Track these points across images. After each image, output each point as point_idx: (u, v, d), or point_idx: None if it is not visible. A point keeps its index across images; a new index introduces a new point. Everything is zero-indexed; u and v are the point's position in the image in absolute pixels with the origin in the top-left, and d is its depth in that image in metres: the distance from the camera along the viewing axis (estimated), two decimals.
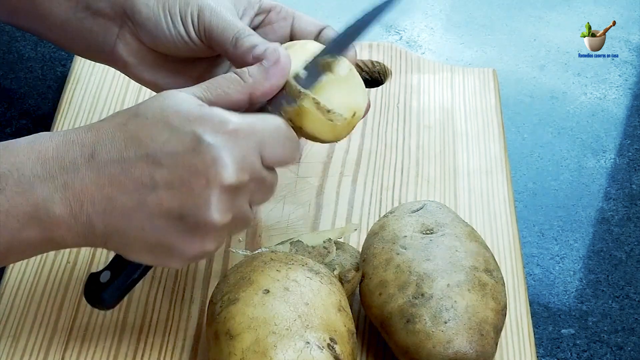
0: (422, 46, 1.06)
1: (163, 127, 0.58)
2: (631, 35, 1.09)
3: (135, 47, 0.72)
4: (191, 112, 0.59)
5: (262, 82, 0.63)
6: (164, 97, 0.60)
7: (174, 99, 0.60)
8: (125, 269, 0.64)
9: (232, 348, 0.59)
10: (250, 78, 0.63)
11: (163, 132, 0.58)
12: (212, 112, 0.59)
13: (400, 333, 0.64)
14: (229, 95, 0.62)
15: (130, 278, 0.64)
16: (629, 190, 0.89)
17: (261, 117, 0.61)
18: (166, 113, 0.59)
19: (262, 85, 0.63)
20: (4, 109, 0.94)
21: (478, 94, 0.93)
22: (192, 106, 0.59)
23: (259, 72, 0.63)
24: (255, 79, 0.63)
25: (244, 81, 0.62)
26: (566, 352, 0.75)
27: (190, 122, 0.58)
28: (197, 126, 0.58)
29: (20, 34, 1.04)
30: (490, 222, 0.79)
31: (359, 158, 0.85)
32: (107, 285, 0.64)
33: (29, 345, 0.69)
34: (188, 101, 0.60)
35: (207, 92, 0.61)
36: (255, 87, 0.63)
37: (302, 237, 0.71)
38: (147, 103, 0.60)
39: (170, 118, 0.58)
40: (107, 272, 0.64)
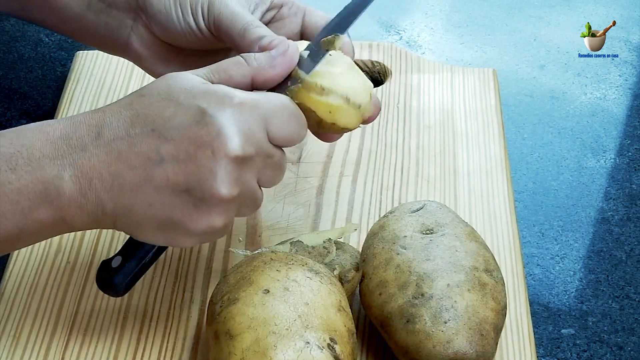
0: (422, 46, 1.06)
1: (168, 103, 0.59)
2: (631, 35, 1.09)
3: (148, 40, 0.74)
4: (195, 87, 0.60)
5: (266, 68, 0.63)
6: (169, 77, 0.61)
7: (179, 78, 0.61)
8: (136, 253, 0.64)
9: (232, 348, 0.60)
10: (254, 62, 0.63)
11: (168, 108, 0.59)
12: (217, 88, 0.60)
13: (400, 333, 0.64)
14: (232, 77, 0.63)
15: (141, 262, 0.64)
16: (629, 190, 0.89)
17: (266, 94, 0.63)
18: (171, 90, 0.60)
19: (266, 72, 0.63)
20: (4, 109, 0.94)
21: (478, 94, 0.93)
22: (197, 83, 0.61)
23: (265, 58, 0.64)
24: (260, 64, 0.63)
25: (248, 64, 0.63)
26: (566, 352, 0.75)
27: (195, 97, 0.59)
28: (202, 100, 0.59)
29: (20, 34, 1.04)
30: (490, 222, 0.79)
31: (359, 158, 0.85)
32: (119, 270, 0.64)
33: (29, 345, 0.69)
34: (192, 79, 0.61)
35: (210, 74, 0.62)
36: (259, 72, 0.63)
37: (302, 237, 0.71)
38: (153, 83, 0.61)
39: (175, 94, 0.60)
40: (118, 257, 0.65)
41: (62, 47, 1.02)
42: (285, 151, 0.85)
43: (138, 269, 0.65)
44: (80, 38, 0.79)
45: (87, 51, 0.96)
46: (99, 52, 0.96)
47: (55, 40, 1.03)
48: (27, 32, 1.04)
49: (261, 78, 0.63)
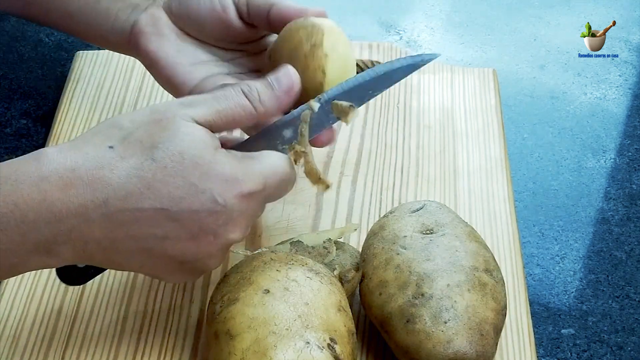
0: (422, 46, 1.06)
1: (181, 181, 0.58)
2: (631, 35, 1.09)
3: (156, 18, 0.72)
4: (210, 164, 0.58)
5: (272, 111, 0.63)
6: (181, 138, 0.58)
7: (190, 141, 0.58)
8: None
9: (232, 348, 0.59)
10: (260, 106, 0.62)
11: (180, 187, 0.58)
12: (229, 171, 0.59)
13: (400, 333, 0.64)
14: (237, 122, 0.62)
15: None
16: (629, 190, 0.89)
17: (271, 168, 0.62)
18: (186, 164, 0.58)
19: (271, 114, 0.63)
20: (4, 109, 0.94)
21: (478, 94, 0.93)
22: (210, 151, 0.59)
23: (271, 99, 0.62)
24: (266, 107, 0.62)
25: (254, 108, 0.62)
26: (566, 352, 0.75)
27: (208, 177, 0.58)
28: (215, 185, 0.58)
29: (20, 34, 1.04)
30: (490, 222, 0.79)
31: (359, 158, 0.85)
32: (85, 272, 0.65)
33: (29, 345, 0.69)
34: (204, 144, 0.58)
35: (217, 118, 0.60)
36: (265, 116, 0.63)
37: (302, 237, 0.71)
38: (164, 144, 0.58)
39: (188, 171, 0.58)
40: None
41: (62, 47, 1.02)
42: None
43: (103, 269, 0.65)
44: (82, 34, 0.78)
45: (87, 51, 0.96)
46: (99, 52, 0.96)
47: (55, 40, 1.03)
48: (27, 32, 1.04)
49: (265, 121, 0.64)
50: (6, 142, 0.90)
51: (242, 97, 0.62)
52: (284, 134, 0.64)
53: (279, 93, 0.63)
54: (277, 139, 0.64)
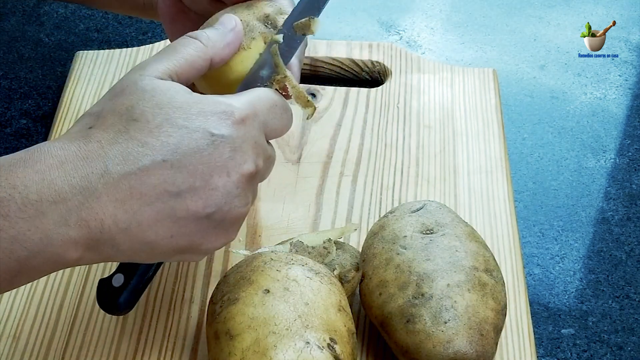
0: (422, 46, 1.06)
1: (169, 128, 0.56)
2: (631, 35, 1.09)
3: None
4: (190, 104, 0.57)
5: (221, 47, 0.63)
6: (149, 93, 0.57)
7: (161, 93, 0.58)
8: (139, 269, 0.62)
9: (232, 348, 0.59)
10: (209, 42, 0.62)
11: (172, 133, 0.56)
12: (212, 103, 0.58)
13: (400, 333, 0.64)
14: (191, 63, 0.61)
15: (145, 277, 0.63)
16: (629, 190, 0.89)
17: (256, 95, 0.61)
18: (165, 111, 0.57)
19: (222, 51, 0.63)
20: (4, 109, 0.94)
21: (478, 94, 0.93)
22: (186, 95, 0.58)
23: (217, 37, 0.63)
24: (215, 43, 0.62)
25: (204, 45, 0.62)
26: (566, 352, 0.75)
27: (194, 116, 0.57)
28: (204, 120, 0.57)
29: (20, 34, 1.04)
30: (490, 222, 0.79)
31: (359, 158, 0.85)
32: (123, 289, 0.62)
33: (29, 345, 0.69)
34: (177, 92, 0.58)
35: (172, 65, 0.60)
36: (215, 52, 0.62)
37: (302, 237, 0.71)
38: (138, 104, 0.57)
39: (171, 117, 0.56)
40: (119, 275, 0.62)
41: (62, 47, 1.02)
42: (285, 151, 0.85)
43: (142, 285, 0.63)
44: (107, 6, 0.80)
45: (87, 51, 0.96)
46: (99, 52, 0.96)
47: (55, 40, 1.03)
48: (27, 32, 1.04)
49: (218, 59, 0.63)
50: (6, 142, 0.90)
51: (189, 39, 0.62)
52: (261, 75, 0.64)
53: (224, 30, 0.64)
54: (257, 82, 0.64)
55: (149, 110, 0.57)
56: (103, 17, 1.07)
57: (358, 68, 0.96)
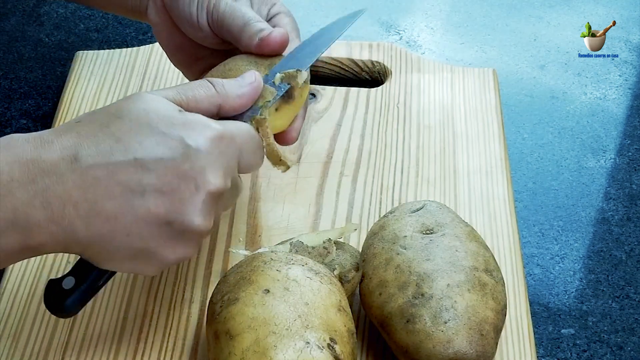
0: (422, 46, 1.06)
1: (150, 131, 0.58)
2: (631, 35, 1.09)
3: (160, 9, 0.74)
4: (174, 116, 0.59)
5: (234, 98, 0.64)
6: (143, 100, 0.59)
7: (153, 102, 0.59)
8: (91, 275, 0.62)
9: (232, 348, 0.59)
10: (223, 90, 0.63)
11: (150, 136, 0.58)
12: (195, 118, 0.60)
13: (400, 333, 0.64)
14: (198, 103, 0.62)
15: (96, 284, 0.62)
16: (629, 190, 0.89)
17: (236, 125, 0.63)
18: (150, 116, 0.58)
19: (233, 101, 0.64)
20: (4, 109, 0.94)
21: (478, 94, 0.93)
22: (173, 111, 0.59)
23: (232, 87, 0.64)
24: (228, 93, 0.63)
25: (217, 92, 0.63)
26: (566, 352, 0.75)
27: (175, 126, 0.58)
28: (184, 131, 0.58)
29: (20, 34, 1.04)
30: (490, 222, 0.79)
31: (359, 158, 0.85)
32: (71, 293, 0.61)
33: (29, 345, 0.69)
34: (167, 106, 0.60)
35: (180, 98, 0.61)
36: (227, 101, 0.63)
37: (302, 237, 0.71)
38: (127, 105, 0.59)
39: (155, 122, 0.58)
40: (70, 278, 0.62)
41: (62, 47, 1.02)
42: (285, 151, 0.85)
43: (92, 291, 0.62)
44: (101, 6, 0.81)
45: (87, 51, 0.96)
46: (99, 52, 0.96)
47: (55, 40, 1.03)
48: (27, 32, 1.04)
49: (227, 107, 0.64)
50: None
51: (205, 82, 0.63)
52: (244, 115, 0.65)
53: (243, 83, 0.65)
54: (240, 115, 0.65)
55: (134, 112, 0.58)
56: (103, 17, 1.07)
57: (358, 68, 0.96)
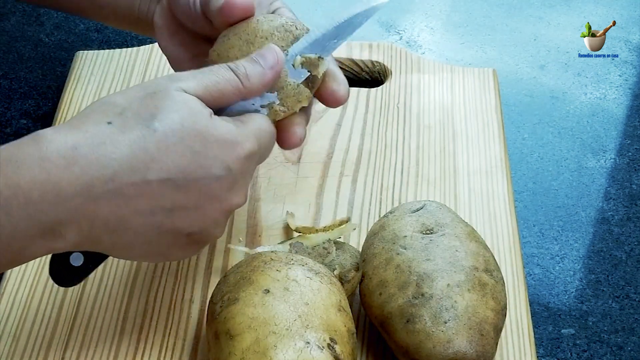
0: (422, 46, 1.06)
1: (184, 150, 0.58)
2: (631, 35, 1.09)
3: (165, 9, 0.74)
4: (209, 132, 0.59)
5: (258, 86, 0.63)
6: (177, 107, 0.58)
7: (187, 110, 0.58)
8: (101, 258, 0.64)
9: (232, 348, 0.59)
10: (248, 82, 0.63)
11: (185, 155, 0.58)
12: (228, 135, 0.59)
13: (400, 333, 0.64)
14: (226, 96, 0.62)
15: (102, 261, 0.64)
16: (629, 190, 0.89)
17: (258, 127, 0.63)
18: (186, 131, 0.58)
19: (257, 90, 0.63)
20: (4, 109, 0.94)
21: (478, 94, 0.93)
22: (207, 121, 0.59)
23: (256, 76, 0.63)
24: (253, 83, 0.63)
25: (241, 84, 0.62)
26: (566, 352, 0.75)
27: (209, 144, 0.58)
28: (219, 152, 0.59)
29: (20, 34, 1.04)
30: (490, 222, 0.79)
31: (359, 158, 0.85)
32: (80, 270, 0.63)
33: (29, 345, 0.69)
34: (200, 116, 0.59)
35: (207, 93, 0.61)
36: (252, 91, 0.63)
37: (302, 237, 0.71)
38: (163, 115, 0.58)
39: (190, 139, 0.58)
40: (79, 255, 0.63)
41: (62, 47, 1.02)
42: (285, 151, 0.85)
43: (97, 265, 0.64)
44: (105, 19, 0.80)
45: (87, 51, 0.96)
46: (99, 52, 0.96)
47: (55, 40, 1.03)
48: (27, 32, 1.04)
49: (251, 95, 0.64)
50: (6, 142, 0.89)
51: (229, 72, 0.62)
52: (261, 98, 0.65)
53: (265, 68, 0.64)
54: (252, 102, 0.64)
55: (170, 126, 0.58)
56: None
57: (358, 68, 0.96)
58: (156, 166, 0.57)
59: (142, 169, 0.56)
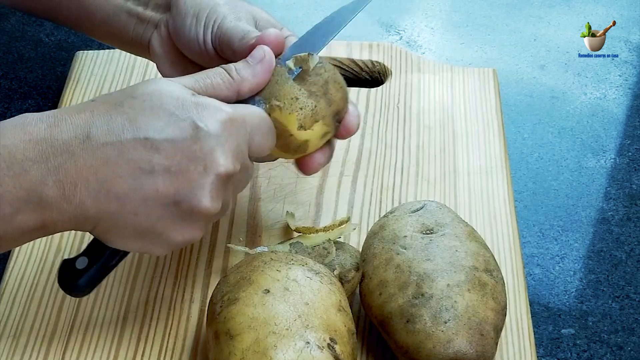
0: (422, 46, 1.06)
1: (161, 112, 0.59)
2: (631, 35, 1.09)
3: (165, 39, 0.74)
4: (187, 98, 0.60)
5: (249, 79, 0.65)
6: (157, 83, 0.61)
7: (167, 85, 0.61)
8: (104, 256, 0.63)
9: (232, 348, 0.60)
10: (237, 75, 0.64)
11: (161, 117, 0.59)
12: (207, 100, 0.61)
13: (400, 333, 0.64)
14: (216, 89, 0.63)
15: (108, 264, 0.63)
16: (629, 190, 0.89)
17: (249, 110, 0.64)
18: (163, 98, 0.59)
19: (249, 82, 0.65)
20: (4, 109, 0.94)
21: (478, 94, 0.93)
22: (186, 94, 0.61)
23: (246, 69, 0.65)
24: (243, 75, 0.65)
25: (232, 78, 0.64)
26: (566, 352, 0.75)
27: (187, 108, 0.60)
28: (195, 113, 0.60)
29: (20, 34, 1.04)
30: (490, 222, 0.79)
31: (359, 158, 0.85)
32: (84, 272, 0.63)
33: (29, 345, 0.69)
34: (181, 89, 0.61)
35: (196, 84, 0.63)
36: (243, 84, 0.64)
37: (301, 237, 0.71)
38: (142, 86, 0.60)
39: (167, 103, 0.59)
40: (83, 258, 0.63)
41: (62, 47, 1.02)
42: None
43: (104, 271, 0.64)
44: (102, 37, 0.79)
45: (87, 51, 0.96)
46: (99, 52, 0.96)
47: (55, 40, 1.03)
48: (27, 32, 1.04)
49: (245, 89, 0.65)
50: None
51: (221, 70, 0.64)
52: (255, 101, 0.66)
53: (253, 63, 0.65)
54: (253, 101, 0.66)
55: (148, 93, 0.60)
56: None
57: (358, 68, 0.96)
58: (132, 127, 0.58)
59: (118, 130, 0.58)
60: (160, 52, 0.74)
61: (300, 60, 0.67)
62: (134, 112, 0.59)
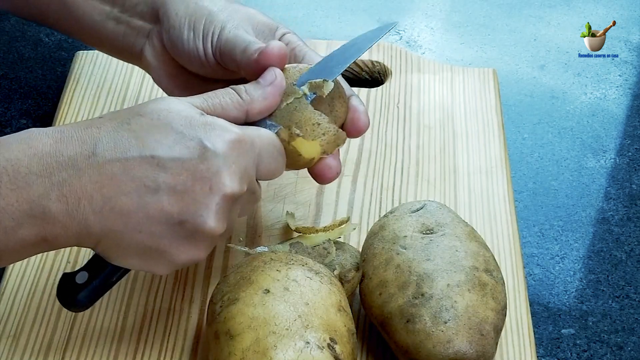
0: (422, 46, 1.06)
1: (168, 130, 0.58)
2: (631, 35, 1.09)
3: (159, 51, 0.73)
4: (195, 118, 0.60)
5: (259, 100, 0.64)
6: (167, 102, 0.60)
7: (176, 104, 0.60)
8: (104, 271, 0.62)
9: (232, 348, 0.60)
10: (247, 95, 0.64)
11: (169, 136, 0.58)
12: (215, 121, 0.60)
13: (400, 333, 0.64)
14: (225, 110, 0.63)
15: (109, 280, 0.63)
16: (629, 190, 0.89)
17: (258, 132, 0.63)
18: (171, 117, 0.59)
19: (259, 104, 0.64)
20: (4, 109, 0.94)
21: (478, 94, 0.93)
22: (194, 113, 0.60)
23: (256, 90, 0.64)
24: (253, 97, 0.64)
25: (241, 98, 0.64)
26: (566, 352, 0.75)
27: (195, 128, 0.59)
28: (202, 133, 0.59)
29: (20, 34, 1.04)
30: (490, 222, 0.79)
31: (359, 158, 0.85)
32: (84, 287, 0.62)
33: (29, 345, 0.69)
34: (189, 108, 0.60)
35: (204, 103, 0.62)
36: (252, 105, 0.64)
37: (301, 237, 0.71)
38: (150, 104, 0.60)
39: (175, 122, 0.59)
40: (83, 273, 0.62)
41: (62, 47, 1.02)
42: None
43: (104, 287, 0.63)
44: (93, 44, 0.79)
45: (87, 51, 0.96)
46: (99, 52, 0.96)
47: (55, 40, 1.03)
48: (27, 32, 1.04)
49: (255, 111, 0.64)
50: None
51: (230, 90, 0.64)
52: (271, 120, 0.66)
53: (264, 84, 0.65)
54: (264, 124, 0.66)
55: (156, 111, 0.59)
56: None
57: (358, 68, 0.96)
58: (139, 144, 0.58)
59: (124, 147, 0.58)
60: (155, 64, 0.73)
61: (315, 86, 0.67)
62: (141, 129, 0.58)
